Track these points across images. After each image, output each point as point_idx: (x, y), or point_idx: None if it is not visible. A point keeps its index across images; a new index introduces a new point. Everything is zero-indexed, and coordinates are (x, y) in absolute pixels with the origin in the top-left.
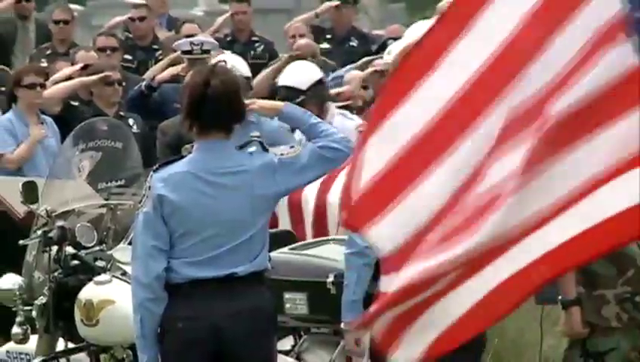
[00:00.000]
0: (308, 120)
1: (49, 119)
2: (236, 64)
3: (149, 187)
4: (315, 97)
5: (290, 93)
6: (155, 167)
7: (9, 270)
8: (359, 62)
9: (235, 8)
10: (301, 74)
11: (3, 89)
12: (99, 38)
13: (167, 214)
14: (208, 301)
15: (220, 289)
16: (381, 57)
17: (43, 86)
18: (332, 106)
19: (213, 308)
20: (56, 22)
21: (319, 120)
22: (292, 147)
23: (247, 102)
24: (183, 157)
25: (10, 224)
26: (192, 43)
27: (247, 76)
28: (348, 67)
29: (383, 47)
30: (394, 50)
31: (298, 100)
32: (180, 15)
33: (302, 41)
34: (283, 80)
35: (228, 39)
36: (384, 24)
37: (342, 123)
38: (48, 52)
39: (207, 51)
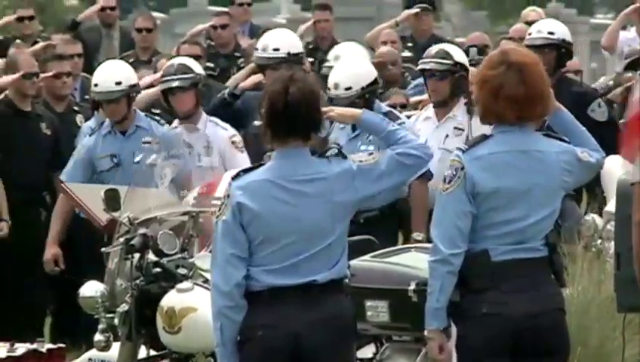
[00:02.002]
0: (386, 127)
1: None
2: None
3: (228, 195)
4: None
5: None
6: (234, 175)
7: (93, 277)
8: None
9: (317, 16)
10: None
11: (87, 97)
12: (182, 46)
13: (246, 222)
14: (288, 309)
15: (300, 297)
16: None
17: None
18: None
19: (292, 316)
20: (139, 30)
21: (397, 126)
22: (371, 154)
23: (324, 109)
24: (262, 165)
25: (91, 231)
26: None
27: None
28: None
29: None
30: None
31: None
32: (263, 23)
33: (384, 49)
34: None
35: (310, 47)
36: (467, 32)
37: (214, 131)
38: (131, 60)
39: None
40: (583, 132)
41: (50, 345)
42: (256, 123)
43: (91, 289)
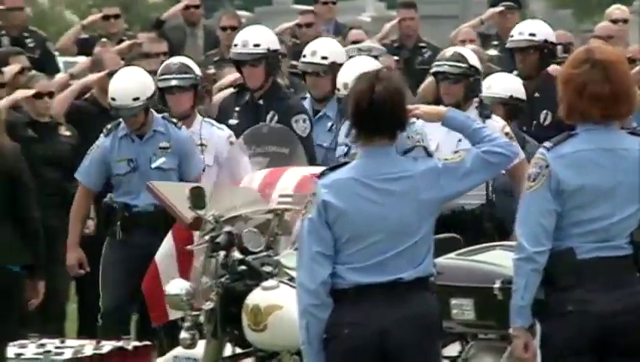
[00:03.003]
0: (471, 124)
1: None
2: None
3: (314, 193)
4: None
5: None
6: (319, 173)
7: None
8: None
9: (402, 14)
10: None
11: None
12: None
13: (332, 220)
14: (374, 307)
15: (386, 294)
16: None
17: (210, 92)
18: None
19: (379, 314)
20: (224, 28)
21: (482, 124)
22: (456, 152)
23: (410, 107)
24: (347, 163)
25: None
26: (359, 49)
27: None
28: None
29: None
30: None
31: None
32: (348, 21)
33: (469, 47)
34: None
35: (395, 45)
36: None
37: (210, 131)
38: (216, 58)
39: (375, 57)
40: None
41: (137, 343)
42: (232, 122)
43: (177, 286)
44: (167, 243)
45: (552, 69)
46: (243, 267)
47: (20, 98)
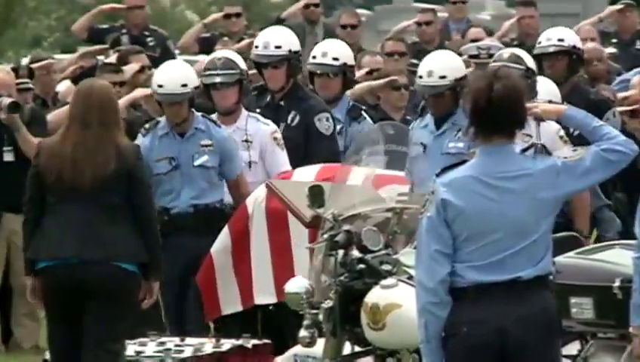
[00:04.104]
0: (590, 122)
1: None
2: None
3: (433, 191)
4: None
5: None
6: (437, 172)
7: None
8: None
9: (521, 12)
10: None
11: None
12: (387, 43)
13: (451, 218)
14: (493, 305)
15: (505, 293)
16: None
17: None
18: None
19: (498, 312)
20: (344, 26)
21: (602, 122)
22: (575, 150)
23: (528, 105)
24: (465, 161)
25: None
26: (478, 47)
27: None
28: (634, 71)
29: None
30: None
31: None
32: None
33: (589, 45)
34: None
35: (514, 43)
36: None
37: (256, 127)
38: None
39: (493, 55)
40: None
41: (256, 341)
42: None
43: (296, 285)
44: (224, 237)
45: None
46: (362, 265)
47: (139, 97)
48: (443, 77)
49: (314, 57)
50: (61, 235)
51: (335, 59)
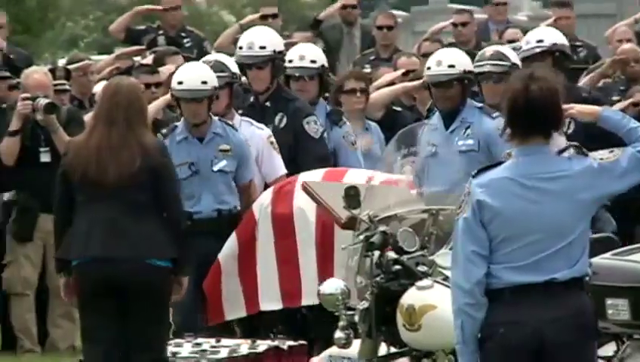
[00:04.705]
0: (627, 124)
1: (373, 124)
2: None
3: (469, 193)
4: None
5: None
6: (473, 173)
7: None
8: None
9: (558, 13)
10: None
11: (327, 95)
12: (423, 44)
13: (487, 219)
14: (530, 306)
15: (541, 294)
16: None
17: (363, 91)
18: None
19: (535, 314)
20: (380, 27)
21: (638, 124)
22: (611, 151)
23: (565, 106)
24: (501, 162)
25: None
26: (514, 48)
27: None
28: None
29: None
30: None
31: None
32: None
33: (626, 46)
34: None
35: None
36: None
37: (251, 131)
38: (372, 57)
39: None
40: None
41: (292, 342)
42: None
43: (332, 286)
44: (231, 243)
45: None
46: (398, 266)
47: None
48: (452, 66)
49: (290, 61)
50: (88, 233)
51: (313, 61)
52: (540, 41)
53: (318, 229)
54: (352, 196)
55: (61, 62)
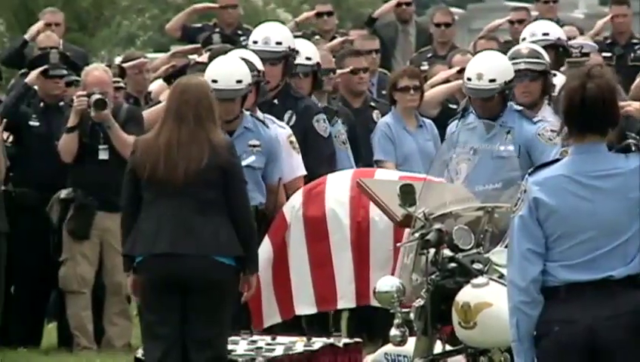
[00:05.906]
0: None
1: (428, 122)
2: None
3: (525, 190)
4: None
5: None
6: (530, 171)
7: None
8: None
9: (615, 11)
10: None
11: (384, 92)
12: (479, 41)
13: (543, 217)
14: (585, 304)
15: (597, 292)
16: None
17: (417, 89)
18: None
19: (590, 312)
20: (438, 25)
21: None
22: None
23: (622, 104)
24: (558, 160)
25: None
26: (571, 46)
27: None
28: None
29: None
30: None
31: None
32: (561, 17)
33: None
34: None
35: (607, 42)
36: None
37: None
38: (429, 55)
39: (587, 54)
40: None
41: (347, 340)
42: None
43: (387, 284)
44: (265, 247)
45: None
46: (453, 264)
47: None
48: (492, 80)
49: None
50: (155, 230)
51: (308, 58)
52: (546, 34)
53: (353, 230)
54: (408, 193)
55: (117, 60)
